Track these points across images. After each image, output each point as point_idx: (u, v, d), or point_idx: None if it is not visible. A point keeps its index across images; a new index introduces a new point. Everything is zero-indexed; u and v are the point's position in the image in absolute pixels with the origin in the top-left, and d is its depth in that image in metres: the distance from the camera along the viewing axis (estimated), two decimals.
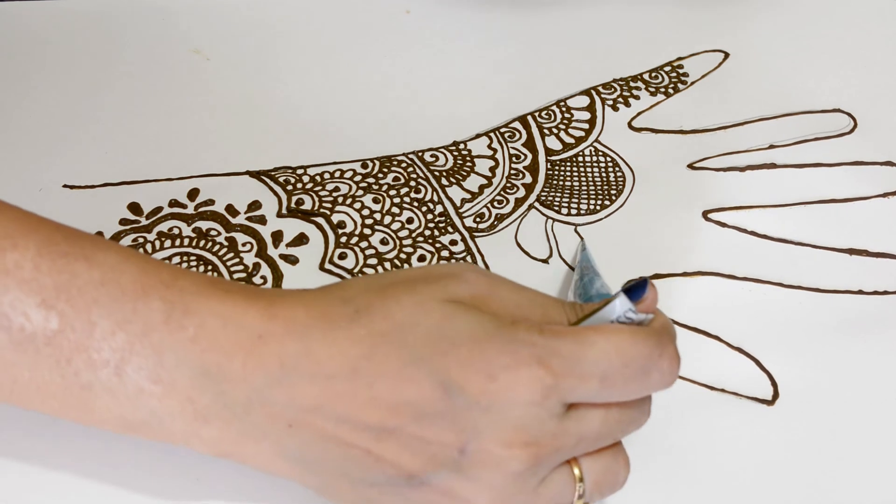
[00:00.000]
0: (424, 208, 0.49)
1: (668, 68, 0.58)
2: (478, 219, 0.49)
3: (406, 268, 0.46)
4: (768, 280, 0.48)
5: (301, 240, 0.47)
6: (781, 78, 0.58)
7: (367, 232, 0.48)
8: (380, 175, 0.50)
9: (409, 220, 0.49)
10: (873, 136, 0.55)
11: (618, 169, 0.52)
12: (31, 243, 0.32)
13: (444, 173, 0.51)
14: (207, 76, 0.55)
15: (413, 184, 0.50)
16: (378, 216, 0.49)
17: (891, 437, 0.42)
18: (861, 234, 0.50)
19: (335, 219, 0.48)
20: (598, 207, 0.50)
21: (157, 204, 0.48)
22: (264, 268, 0.46)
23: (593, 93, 0.56)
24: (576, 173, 0.52)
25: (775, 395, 0.43)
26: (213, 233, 0.47)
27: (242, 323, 0.32)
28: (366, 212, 0.49)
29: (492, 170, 0.52)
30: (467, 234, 0.48)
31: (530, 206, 0.50)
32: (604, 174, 0.52)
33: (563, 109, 0.55)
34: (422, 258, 0.47)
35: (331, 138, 0.52)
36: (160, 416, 0.32)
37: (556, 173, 0.52)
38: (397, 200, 0.49)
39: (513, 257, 0.48)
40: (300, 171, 0.50)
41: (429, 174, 0.51)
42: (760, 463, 0.41)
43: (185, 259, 0.46)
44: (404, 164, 0.51)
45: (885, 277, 0.48)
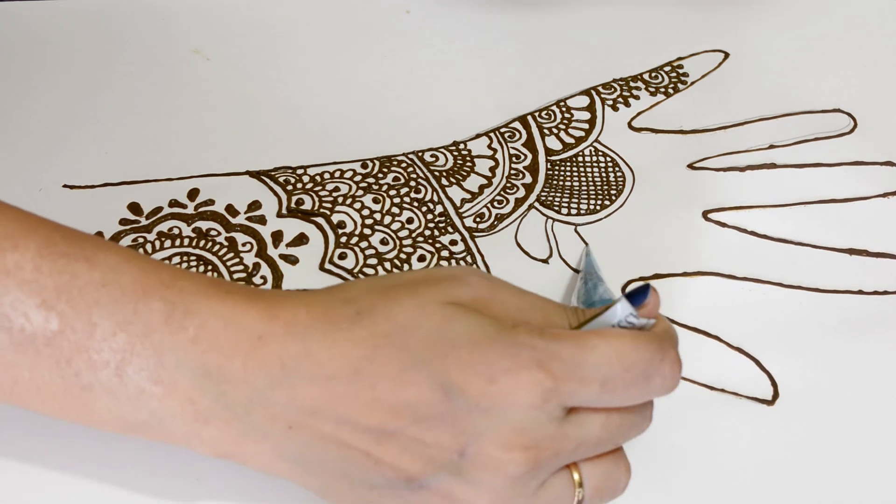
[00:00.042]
0: (424, 208, 0.49)
1: (668, 68, 0.58)
2: (478, 219, 0.49)
3: (408, 270, 0.46)
4: (768, 280, 0.48)
5: (301, 240, 0.47)
6: (781, 78, 0.58)
7: (367, 232, 0.48)
8: (380, 175, 0.50)
9: (409, 220, 0.49)
10: (873, 136, 0.55)
11: (618, 169, 0.52)
12: (32, 244, 0.32)
13: (444, 173, 0.51)
14: (207, 76, 0.55)
15: (413, 184, 0.50)
16: (378, 216, 0.49)
17: (891, 437, 0.42)
18: (861, 234, 0.50)
19: (335, 219, 0.48)
20: (598, 207, 0.50)
21: (157, 204, 0.48)
22: (264, 268, 0.46)
23: (593, 93, 0.56)
24: (576, 173, 0.52)
25: (775, 395, 0.43)
26: (213, 233, 0.47)
27: (243, 324, 0.32)
28: (366, 212, 0.49)
29: (492, 170, 0.52)
30: (467, 234, 0.48)
31: (530, 206, 0.50)
32: (604, 174, 0.52)
33: (563, 109, 0.55)
34: (422, 258, 0.47)
35: (331, 138, 0.52)
36: (161, 416, 0.32)
37: (556, 173, 0.52)
38: (397, 200, 0.49)
39: (513, 257, 0.48)
40: (300, 171, 0.50)
41: (429, 174, 0.51)
42: (760, 463, 0.41)
43: (185, 259, 0.46)
44: (404, 164, 0.51)
45: (885, 277, 0.48)
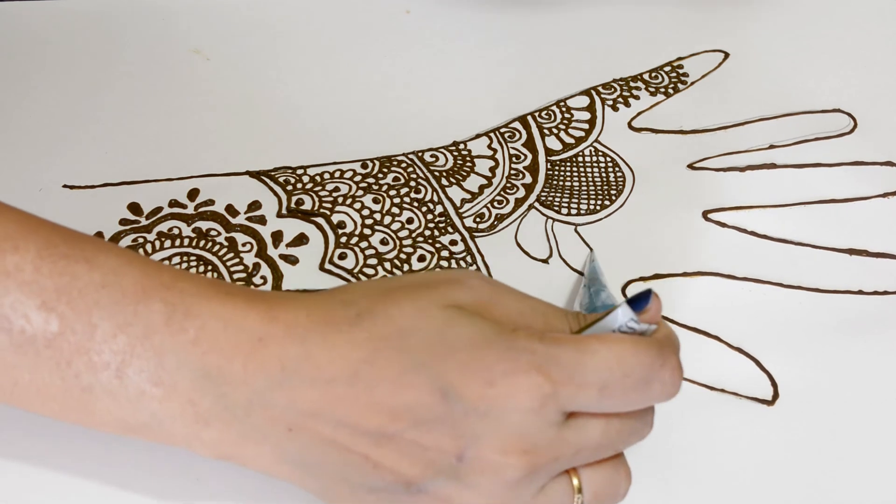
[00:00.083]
0: (424, 208, 0.49)
1: (668, 68, 0.58)
2: (478, 219, 0.49)
3: (409, 271, 0.46)
4: (768, 280, 0.48)
5: (301, 240, 0.47)
6: (781, 78, 0.58)
7: (367, 232, 0.48)
8: (380, 175, 0.50)
9: (409, 221, 0.49)
10: (873, 136, 0.55)
11: (618, 169, 0.52)
12: (32, 245, 0.32)
13: (444, 173, 0.51)
14: (207, 76, 0.55)
15: (413, 184, 0.50)
16: (378, 216, 0.49)
17: (891, 437, 0.42)
18: (861, 234, 0.50)
19: (335, 219, 0.48)
20: (598, 207, 0.50)
21: (157, 204, 0.48)
22: (264, 268, 0.46)
23: (593, 93, 0.56)
24: (576, 173, 0.52)
25: (775, 396, 0.43)
26: (213, 233, 0.47)
27: (243, 325, 0.32)
28: (366, 212, 0.49)
29: (492, 170, 0.52)
30: (467, 235, 0.48)
31: (530, 207, 0.50)
32: (604, 174, 0.52)
33: (563, 109, 0.55)
34: (422, 258, 0.47)
35: (331, 138, 0.52)
36: (161, 418, 0.32)
37: (556, 173, 0.52)
38: (397, 200, 0.49)
39: (513, 257, 0.48)
40: (300, 172, 0.50)
41: (429, 174, 0.51)
42: (760, 463, 0.41)
43: (185, 259, 0.46)
44: (404, 164, 0.51)
45: (885, 277, 0.48)
